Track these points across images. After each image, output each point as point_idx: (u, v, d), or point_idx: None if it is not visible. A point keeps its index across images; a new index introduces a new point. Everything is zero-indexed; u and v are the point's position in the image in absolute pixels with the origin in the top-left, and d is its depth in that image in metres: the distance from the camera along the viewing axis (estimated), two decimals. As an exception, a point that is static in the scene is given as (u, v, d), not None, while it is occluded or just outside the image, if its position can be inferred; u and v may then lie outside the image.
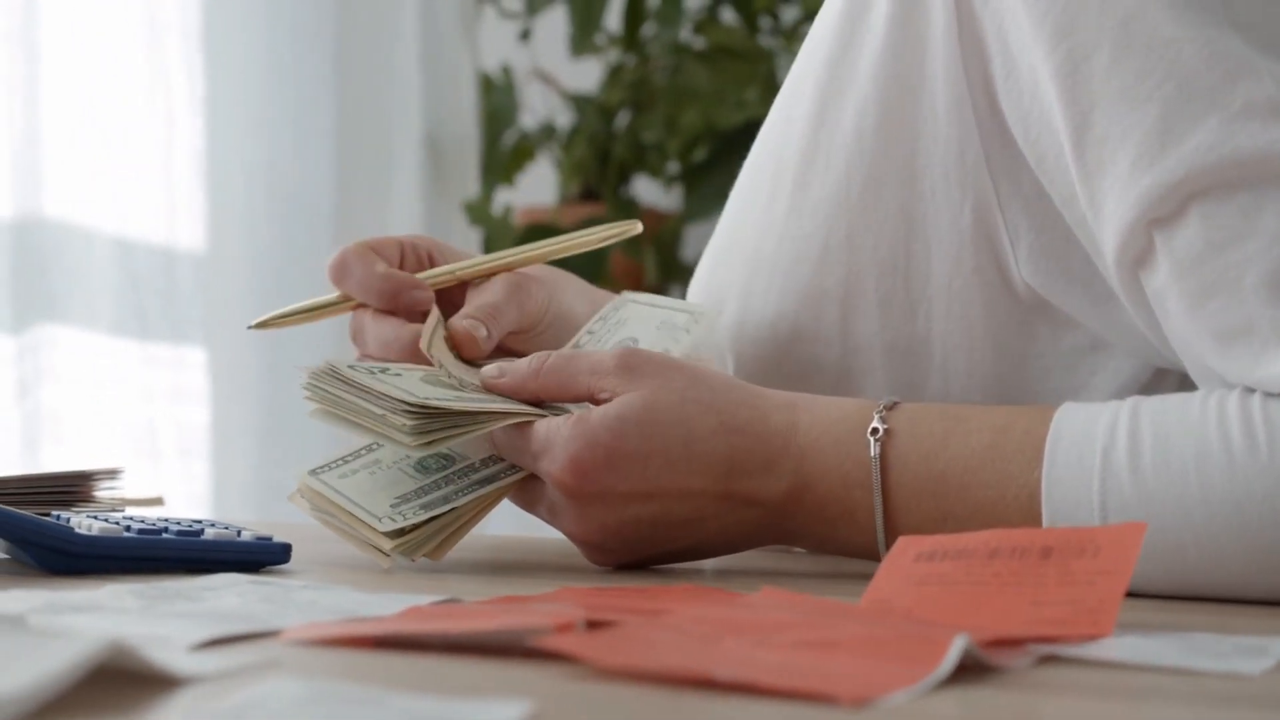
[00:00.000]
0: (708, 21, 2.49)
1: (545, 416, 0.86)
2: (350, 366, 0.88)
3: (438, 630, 0.59)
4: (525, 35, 2.53)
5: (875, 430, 0.83)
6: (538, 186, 2.60)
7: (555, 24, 2.58)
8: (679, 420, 0.83)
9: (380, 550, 0.85)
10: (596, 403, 0.85)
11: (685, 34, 2.49)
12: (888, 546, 0.82)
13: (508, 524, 1.05)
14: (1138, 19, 0.80)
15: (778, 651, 0.56)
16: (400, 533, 0.85)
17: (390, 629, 0.60)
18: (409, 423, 0.84)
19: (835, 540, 0.86)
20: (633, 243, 2.47)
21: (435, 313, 0.95)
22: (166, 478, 1.87)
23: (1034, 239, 0.88)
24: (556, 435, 0.84)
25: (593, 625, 0.59)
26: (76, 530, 0.81)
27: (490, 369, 0.88)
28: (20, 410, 1.77)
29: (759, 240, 0.97)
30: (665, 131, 2.46)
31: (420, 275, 0.98)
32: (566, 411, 0.86)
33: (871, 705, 0.50)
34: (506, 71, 2.52)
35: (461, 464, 0.88)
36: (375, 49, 2.26)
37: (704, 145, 2.46)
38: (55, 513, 0.87)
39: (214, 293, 2.00)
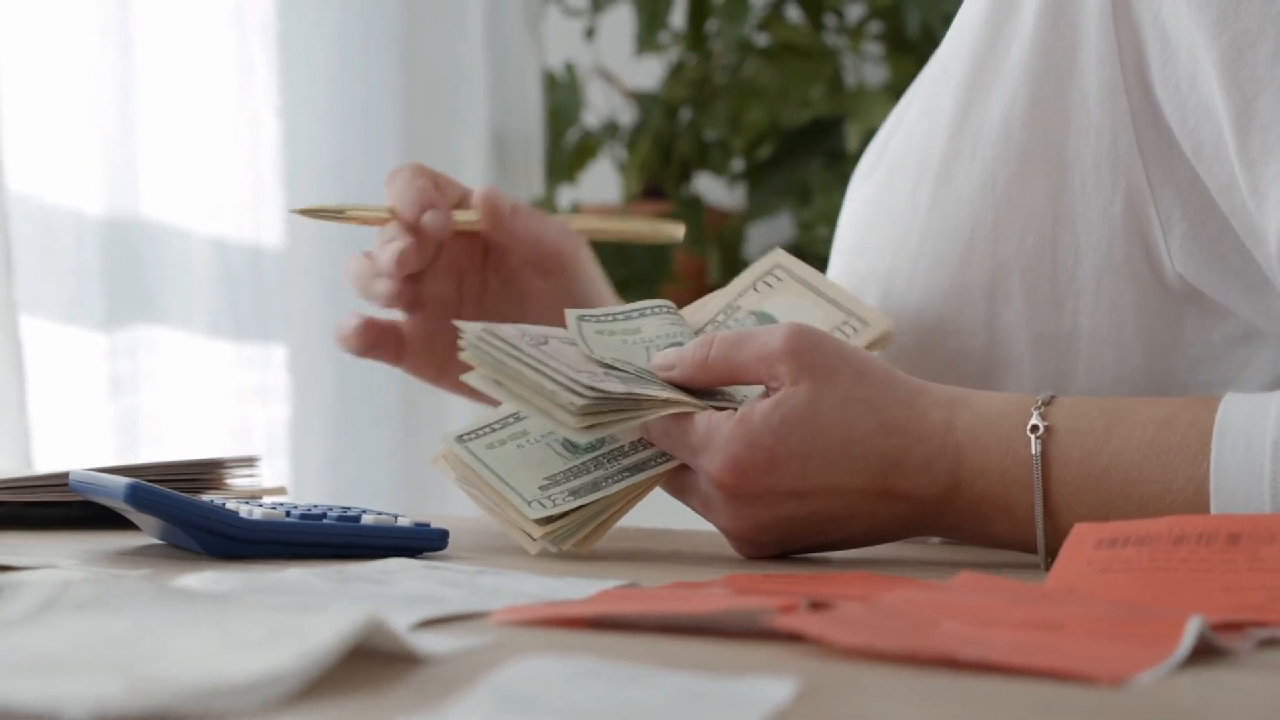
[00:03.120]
0: (772, 19, 2.49)
1: (705, 409, 0.85)
2: (518, 331, 0.86)
3: (660, 611, 0.59)
4: (590, 33, 2.53)
5: (1035, 427, 0.82)
6: (599, 184, 2.60)
7: (614, 22, 2.58)
8: (841, 421, 0.83)
9: (528, 535, 0.85)
10: (768, 389, 0.84)
11: (749, 31, 2.49)
12: (1048, 544, 0.83)
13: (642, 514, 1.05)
14: None
15: (1004, 632, 0.56)
16: (549, 519, 0.84)
17: (608, 610, 0.60)
18: (578, 402, 0.83)
19: (988, 535, 0.86)
20: (696, 240, 2.46)
21: (571, 316, 0.93)
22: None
23: (1186, 228, 0.88)
24: (718, 433, 0.83)
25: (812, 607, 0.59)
26: (239, 515, 0.81)
27: (660, 360, 0.87)
28: (115, 410, 1.77)
29: (901, 234, 0.97)
30: (729, 129, 2.46)
31: (455, 213, 1.05)
32: (727, 398, 0.86)
33: (1124, 685, 0.50)
34: (570, 69, 2.52)
35: (610, 446, 0.87)
36: (442, 47, 2.26)
37: (769, 143, 2.46)
38: (208, 497, 0.87)
39: (293, 290, 2.01)
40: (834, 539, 0.87)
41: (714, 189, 2.62)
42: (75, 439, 1.76)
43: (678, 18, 2.53)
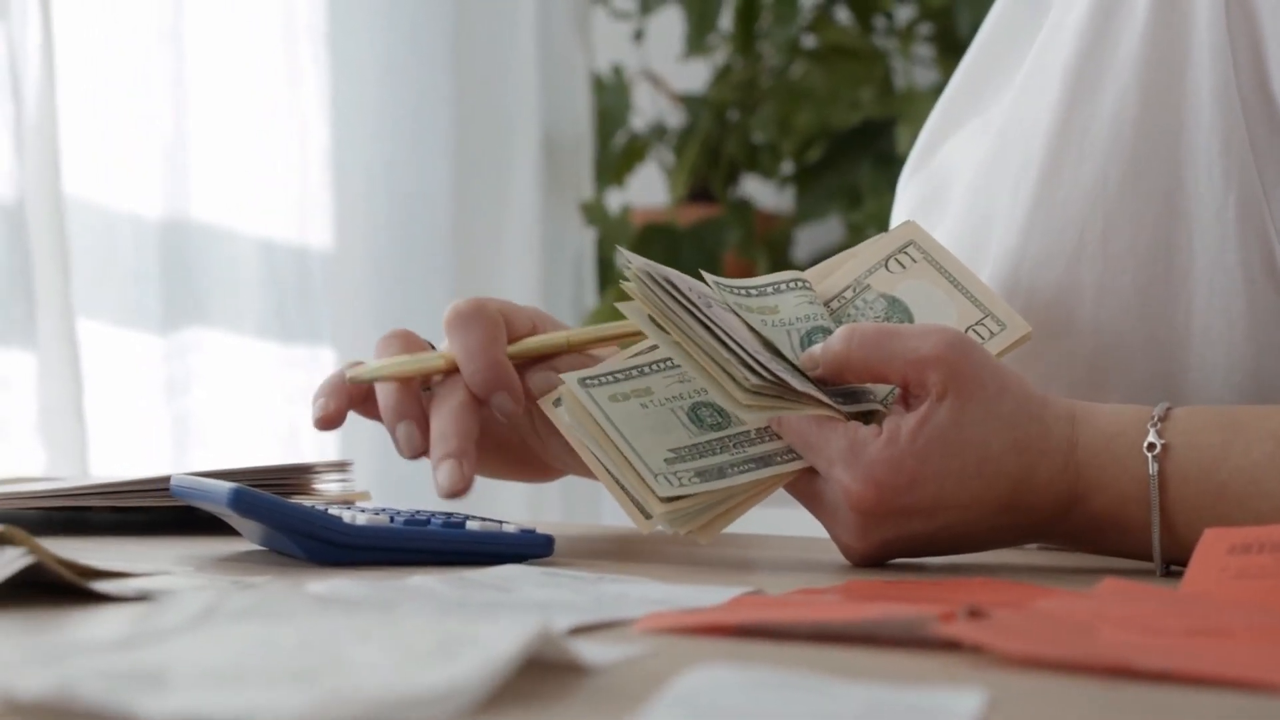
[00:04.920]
0: (821, 20, 2.47)
1: (849, 416, 0.82)
2: (686, 283, 0.82)
3: (814, 619, 0.58)
4: (639, 35, 2.51)
5: (1152, 445, 0.81)
6: (647, 187, 2.58)
7: (661, 25, 2.57)
8: (980, 439, 0.81)
9: (641, 510, 0.81)
10: (907, 391, 0.82)
11: (797, 33, 2.47)
12: (1164, 558, 0.81)
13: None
14: None
15: (1173, 640, 0.55)
16: (672, 499, 0.80)
17: (760, 617, 0.58)
18: (755, 381, 0.80)
19: (1103, 545, 0.85)
20: (745, 243, 2.45)
21: (709, 279, 0.88)
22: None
23: (1300, 229, 0.87)
24: (863, 450, 0.80)
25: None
26: (344, 521, 0.80)
27: (805, 360, 0.84)
28: (169, 412, 1.76)
29: (1001, 237, 0.95)
30: (778, 132, 2.44)
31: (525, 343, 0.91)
32: (862, 398, 0.84)
33: (1312, 695, 0.49)
34: (618, 72, 2.50)
35: (737, 429, 0.83)
36: (492, 50, 2.25)
37: (818, 146, 2.44)
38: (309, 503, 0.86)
39: (342, 293, 2.00)
40: (948, 549, 0.85)
41: (763, 192, 2.60)
42: (132, 442, 1.76)
43: (725, 20, 2.51)
